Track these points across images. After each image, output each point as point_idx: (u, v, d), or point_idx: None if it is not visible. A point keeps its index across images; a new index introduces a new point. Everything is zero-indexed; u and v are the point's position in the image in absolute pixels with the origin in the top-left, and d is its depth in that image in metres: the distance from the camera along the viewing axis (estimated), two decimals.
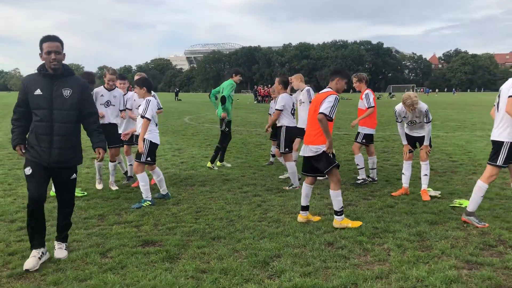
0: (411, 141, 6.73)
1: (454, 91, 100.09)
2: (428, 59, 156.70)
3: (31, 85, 3.91)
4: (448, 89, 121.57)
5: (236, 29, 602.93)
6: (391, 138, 13.91)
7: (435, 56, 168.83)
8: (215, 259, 4.18)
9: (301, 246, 4.52)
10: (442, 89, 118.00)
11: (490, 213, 5.56)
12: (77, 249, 4.44)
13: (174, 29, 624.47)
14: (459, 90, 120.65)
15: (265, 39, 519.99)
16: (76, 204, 5.87)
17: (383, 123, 19.37)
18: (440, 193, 6.54)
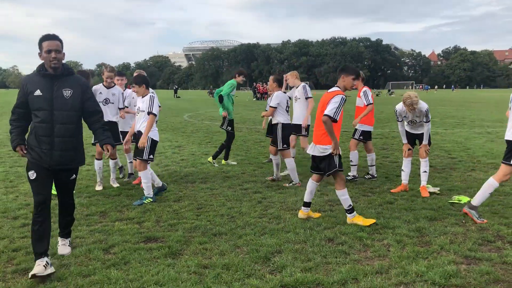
0: (411, 138, 6.77)
1: (453, 88, 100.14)
2: (427, 56, 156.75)
3: (30, 85, 3.82)
4: (447, 86, 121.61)
5: (235, 26, 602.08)
6: (390, 135, 13.96)
7: (434, 53, 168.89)
8: (217, 254, 4.23)
9: (302, 242, 4.57)
10: (441, 86, 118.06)
11: (488, 209, 5.61)
12: (80, 245, 4.49)
13: (172, 26, 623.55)
14: (458, 87, 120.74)
15: (264, 36, 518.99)
16: (78, 201, 5.94)
17: (382, 120, 19.42)
18: (439, 190, 6.59)
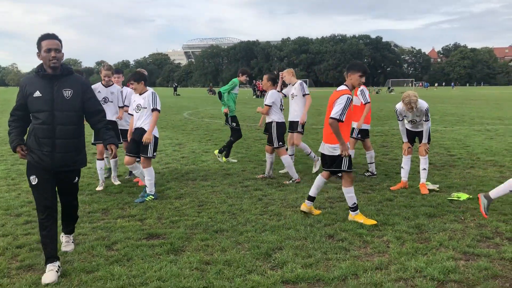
0: (411, 136, 6.81)
1: (453, 85, 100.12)
2: (427, 53, 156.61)
3: (29, 87, 3.72)
4: (446, 84, 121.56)
5: (234, 23, 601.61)
6: (390, 132, 14.00)
7: (434, 50, 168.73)
8: (219, 251, 4.28)
9: (302, 238, 4.62)
10: (440, 84, 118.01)
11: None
12: (83, 242, 4.53)
13: (172, 23, 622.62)
14: (458, 84, 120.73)
15: (264, 33, 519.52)
16: (80, 198, 5.95)
17: (382, 117, 19.46)
18: (438, 187, 6.63)
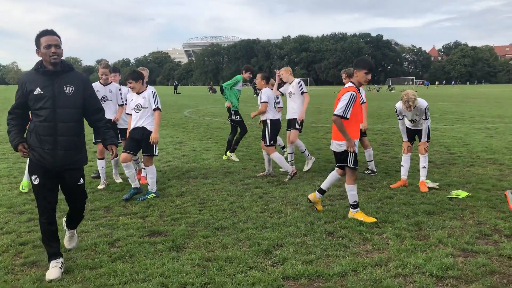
0: (411, 134, 6.84)
1: (453, 83, 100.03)
2: (427, 51, 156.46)
3: (29, 84, 3.63)
4: (446, 82, 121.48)
5: (234, 21, 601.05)
6: (390, 131, 14.04)
7: (435, 48, 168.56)
8: (220, 248, 4.33)
9: (303, 235, 4.67)
10: (441, 82, 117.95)
11: (486, 204, 5.70)
12: (86, 239, 4.58)
13: (172, 21, 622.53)
14: (458, 82, 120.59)
15: (264, 31, 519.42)
16: None
17: (382, 116, 19.49)
18: (438, 185, 6.67)
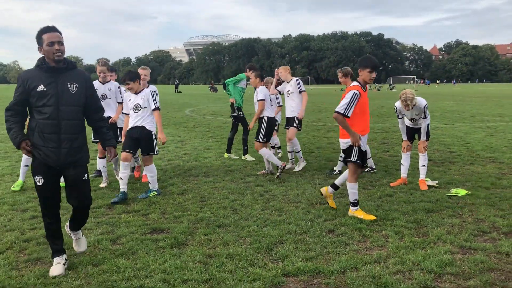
0: (411, 132, 6.88)
1: (454, 82, 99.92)
2: (428, 50, 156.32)
3: (32, 81, 3.55)
4: (447, 81, 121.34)
5: (235, 20, 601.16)
6: (391, 129, 14.08)
7: (436, 47, 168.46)
8: (221, 245, 4.38)
9: (303, 233, 4.72)
10: (441, 81, 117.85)
11: (485, 202, 5.74)
12: (89, 236, 4.63)
13: (173, 20, 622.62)
14: (460, 81, 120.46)
15: (265, 30, 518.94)
16: None
17: (383, 114, 19.52)
18: (437, 183, 6.72)
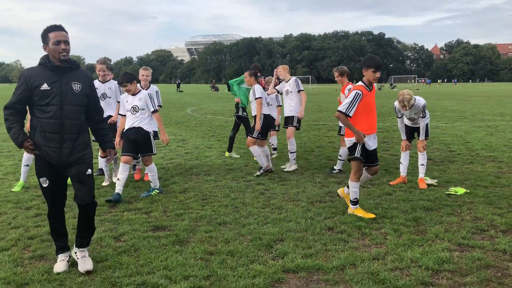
0: (410, 131, 6.94)
1: (455, 81, 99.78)
2: (429, 49, 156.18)
3: (35, 79, 3.51)
4: (448, 80, 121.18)
5: (236, 19, 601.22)
6: (391, 128, 14.12)
7: (437, 46, 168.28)
8: (222, 242, 4.44)
9: (303, 230, 4.78)
10: (443, 80, 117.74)
11: (484, 200, 5.80)
12: None
13: (174, 20, 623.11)
14: (461, 80, 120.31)
15: (266, 29, 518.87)
16: None
17: (383, 114, 19.56)
18: (436, 182, 6.77)
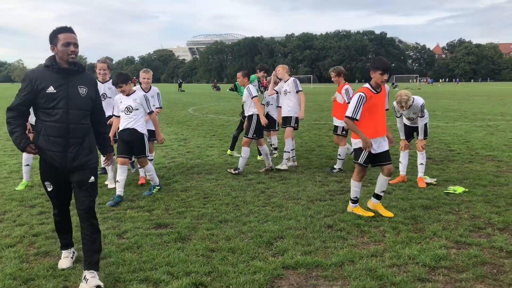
0: (409, 130, 7.00)
1: (457, 81, 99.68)
2: (431, 49, 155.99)
3: (41, 81, 3.44)
4: (450, 79, 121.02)
5: (238, 19, 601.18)
6: (392, 128, 14.14)
7: (439, 46, 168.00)
8: (223, 239, 4.53)
9: (303, 228, 4.86)
10: (445, 79, 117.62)
11: (482, 199, 5.86)
12: None
13: (176, 19, 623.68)
14: (463, 80, 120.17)
15: (268, 29, 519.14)
16: None
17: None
18: (436, 180, 6.84)
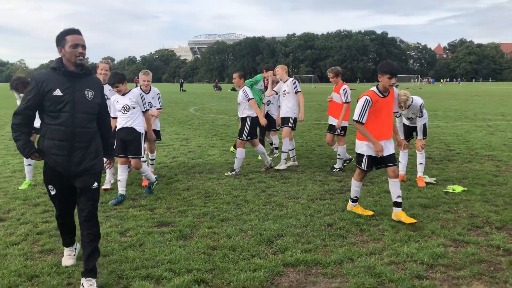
0: (408, 130, 7.04)
1: (459, 81, 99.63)
2: (433, 49, 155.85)
3: (47, 84, 3.37)
4: (451, 79, 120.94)
5: (239, 19, 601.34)
6: None
7: (440, 46, 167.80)
8: (224, 237, 4.59)
9: (303, 227, 4.92)
10: (446, 79, 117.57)
11: (481, 198, 5.92)
12: None
13: (177, 19, 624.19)
14: (464, 80, 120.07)
15: (269, 29, 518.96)
16: None
17: None
18: (435, 180, 6.89)
